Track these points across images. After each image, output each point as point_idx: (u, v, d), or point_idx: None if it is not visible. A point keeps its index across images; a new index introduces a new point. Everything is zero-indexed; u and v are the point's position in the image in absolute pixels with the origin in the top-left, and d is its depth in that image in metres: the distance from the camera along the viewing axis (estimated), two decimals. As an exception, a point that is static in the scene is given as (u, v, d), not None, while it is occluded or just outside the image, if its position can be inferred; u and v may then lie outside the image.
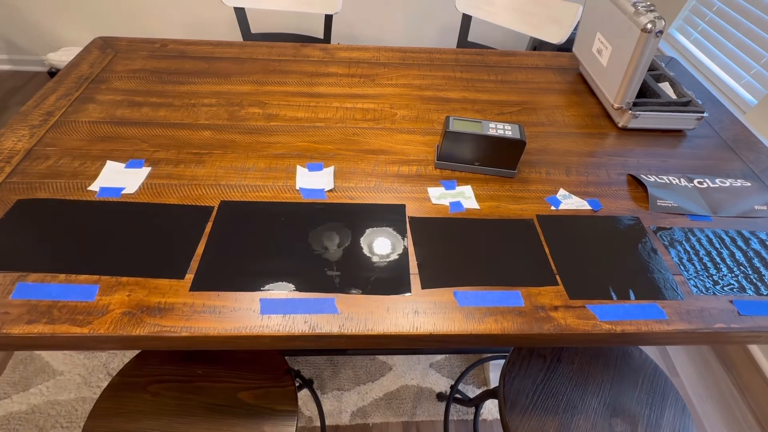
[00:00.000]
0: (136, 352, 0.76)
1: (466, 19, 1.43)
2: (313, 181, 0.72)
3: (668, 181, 0.76)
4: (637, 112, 0.86)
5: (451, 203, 0.70)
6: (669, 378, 0.76)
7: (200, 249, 0.60)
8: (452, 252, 0.62)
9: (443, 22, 2.29)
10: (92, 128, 0.80)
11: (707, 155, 0.85)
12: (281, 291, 0.56)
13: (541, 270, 0.61)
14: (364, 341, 0.54)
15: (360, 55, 1.09)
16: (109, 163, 0.72)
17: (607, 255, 0.64)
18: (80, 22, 2.22)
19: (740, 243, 0.67)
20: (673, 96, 0.90)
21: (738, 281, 0.61)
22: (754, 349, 1.36)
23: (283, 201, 0.68)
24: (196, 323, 0.52)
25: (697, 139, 0.89)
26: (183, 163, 0.74)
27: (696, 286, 0.60)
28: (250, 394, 0.71)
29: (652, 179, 0.76)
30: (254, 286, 0.56)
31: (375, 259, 0.61)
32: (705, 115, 0.87)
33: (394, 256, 0.61)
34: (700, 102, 0.88)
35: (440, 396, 1.24)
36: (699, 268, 0.63)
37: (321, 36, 1.44)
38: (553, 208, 0.71)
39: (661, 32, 0.75)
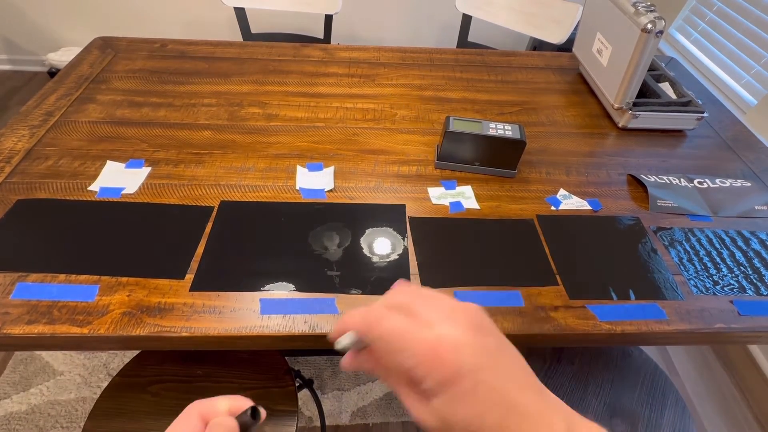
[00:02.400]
0: (136, 352, 0.76)
1: (466, 19, 1.43)
2: (313, 181, 0.72)
3: (668, 181, 0.76)
4: (637, 112, 0.86)
5: (451, 203, 0.70)
6: (669, 378, 0.76)
7: (200, 249, 0.60)
8: (452, 252, 0.62)
9: (443, 22, 2.29)
10: (92, 128, 0.80)
11: (707, 155, 0.85)
12: (281, 291, 0.56)
13: (541, 270, 0.61)
14: (364, 341, 0.54)
15: (360, 55, 1.09)
16: (109, 163, 0.72)
17: (607, 255, 0.64)
18: (80, 22, 2.22)
19: (740, 243, 0.67)
20: (673, 96, 0.90)
21: (738, 281, 0.61)
22: (754, 349, 1.36)
23: (283, 201, 0.68)
24: (196, 323, 0.52)
25: (697, 139, 0.89)
26: (183, 163, 0.74)
27: (696, 286, 0.60)
28: (250, 394, 0.70)
29: (652, 179, 0.76)
30: (254, 286, 0.56)
31: (375, 259, 0.61)
32: (705, 115, 0.87)
33: (394, 256, 0.61)
34: (700, 102, 0.88)
35: (440, 396, 1.24)
36: (699, 268, 0.63)
37: (321, 36, 1.43)
38: (553, 208, 0.71)
39: (661, 32, 0.75)
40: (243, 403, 0.29)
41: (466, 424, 0.23)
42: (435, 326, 0.24)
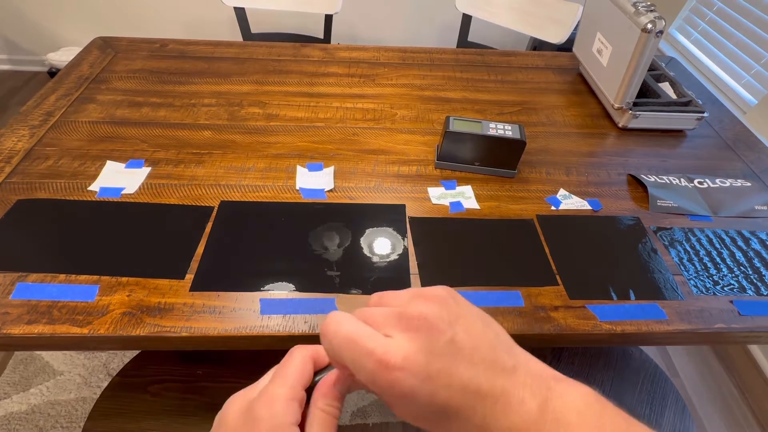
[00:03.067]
0: (136, 352, 0.76)
1: (466, 19, 1.43)
2: (313, 181, 0.72)
3: (668, 181, 0.76)
4: (638, 112, 0.86)
5: (451, 203, 0.70)
6: (669, 378, 0.75)
7: (200, 249, 0.60)
8: (452, 252, 0.62)
9: (443, 22, 2.29)
10: (92, 128, 0.80)
11: (707, 155, 0.85)
12: (281, 291, 0.56)
13: (541, 270, 0.61)
14: (364, 341, 0.54)
15: (360, 55, 1.09)
16: (109, 163, 0.72)
17: (607, 255, 0.64)
18: (80, 22, 2.22)
19: (740, 243, 0.67)
20: (673, 96, 0.90)
21: (738, 281, 0.61)
22: (755, 350, 1.36)
23: (283, 201, 0.68)
24: (196, 323, 0.52)
25: (697, 139, 0.89)
26: (183, 163, 0.74)
27: (696, 286, 0.60)
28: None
29: (652, 179, 0.76)
30: (254, 286, 0.56)
31: (375, 259, 0.61)
32: (705, 115, 0.87)
33: (394, 256, 0.61)
34: (700, 102, 0.88)
35: (440, 396, 1.24)
36: (699, 268, 0.63)
37: (321, 36, 1.43)
38: (553, 208, 0.71)
39: (661, 32, 0.75)
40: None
41: (432, 425, 0.23)
42: (387, 332, 0.24)
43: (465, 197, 0.71)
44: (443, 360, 0.22)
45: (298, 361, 0.26)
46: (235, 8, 1.37)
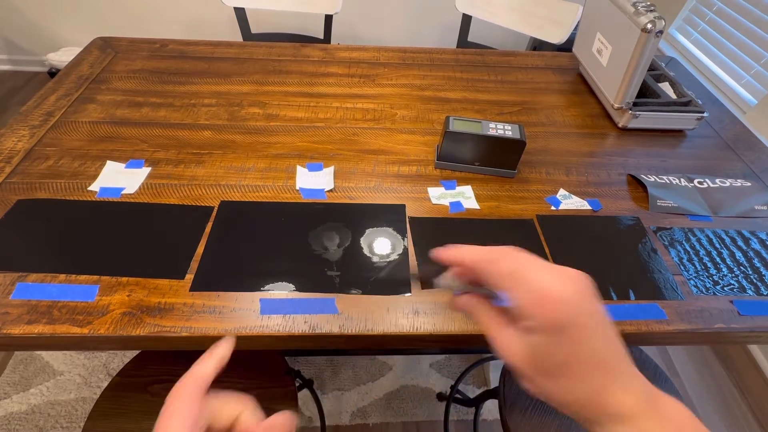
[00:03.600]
0: (136, 352, 0.76)
1: (466, 19, 1.43)
2: (313, 181, 0.72)
3: (668, 181, 0.76)
4: (638, 112, 0.86)
5: (451, 203, 0.70)
6: (669, 378, 0.75)
7: (200, 249, 0.60)
8: (452, 252, 0.62)
9: (443, 22, 2.29)
10: (92, 128, 0.80)
11: (707, 155, 0.85)
12: (281, 291, 0.56)
13: (541, 270, 0.61)
14: (364, 341, 0.54)
15: (360, 55, 1.09)
16: (109, 163, 0.72)
17: (607, 255, 0.64)
18: (80, 22, 2.22)
19: (740, 243, 0.67)
20: (673, 96, 0.90)
21: (738, 281, 0.61)
22: (754, 349, 1.36)
23: (283, 201, 0.68)
24: (196, 323, 0.52)
25: (697, 139, 0.89)
26: (183, 163, 0.74)
27: (696, 286, 0.60)
28: (250, 395, 0.70)
29: (652, 179, 0.76)
30: (254, 286, 0.56)
31: (375, 259, 0.61)
32: (705, 115, 0.87)
33: (395, 256, 0.61)
34: (700, 102, 0.88)
35: (440, 396, 1.24)
36: (699, 268, 0.63)
37: (321, 36, 1.44)
38: (553, 208, 0.71)
39: (661, 32, 0.75)
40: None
41: (549, 378, 0.26)
42: (551, 274, 0.27)
43: (465, 197, 0.71)
44: (593, 321, 0.26)
45: (185, 405, 0.27)
46: (235, 8, 1.37)
